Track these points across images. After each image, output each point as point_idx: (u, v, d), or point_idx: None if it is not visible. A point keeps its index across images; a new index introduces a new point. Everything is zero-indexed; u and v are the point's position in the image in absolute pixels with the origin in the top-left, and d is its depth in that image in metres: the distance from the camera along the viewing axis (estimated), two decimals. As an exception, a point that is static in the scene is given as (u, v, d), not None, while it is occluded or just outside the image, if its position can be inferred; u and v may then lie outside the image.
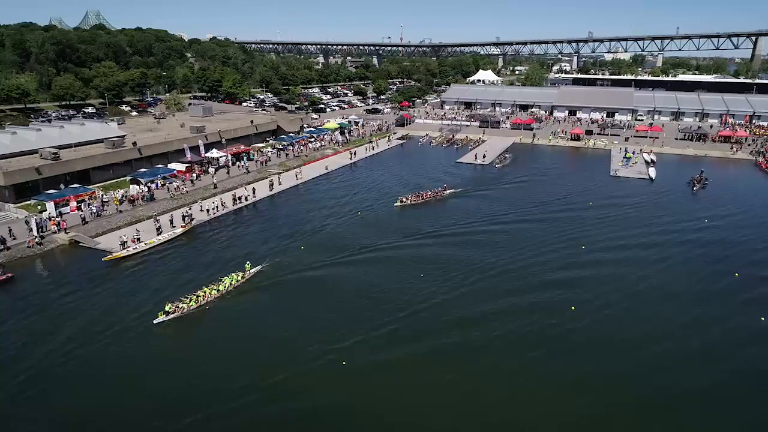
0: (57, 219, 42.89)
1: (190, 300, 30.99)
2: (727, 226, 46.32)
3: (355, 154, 76.53)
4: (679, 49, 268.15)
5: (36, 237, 39.80)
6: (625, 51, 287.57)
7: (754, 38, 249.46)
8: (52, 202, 44.85)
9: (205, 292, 32.01)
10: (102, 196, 49.15)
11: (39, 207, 46.07)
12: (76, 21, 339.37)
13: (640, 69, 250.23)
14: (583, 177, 65.06)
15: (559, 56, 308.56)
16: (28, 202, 47.40)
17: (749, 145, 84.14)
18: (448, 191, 56.18)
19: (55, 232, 41.68)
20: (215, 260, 38.02)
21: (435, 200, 54.09)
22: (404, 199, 52.60)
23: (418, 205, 52.41)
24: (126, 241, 39.82)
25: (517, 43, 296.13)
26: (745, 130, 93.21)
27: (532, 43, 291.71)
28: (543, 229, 45.44)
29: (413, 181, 61.29)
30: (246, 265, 35.63)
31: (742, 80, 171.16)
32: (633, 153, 76.10)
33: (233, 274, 34.24)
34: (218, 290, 32.64)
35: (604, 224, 46.80)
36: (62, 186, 49.62)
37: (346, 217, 48.41)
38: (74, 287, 33.76)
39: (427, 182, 60.66)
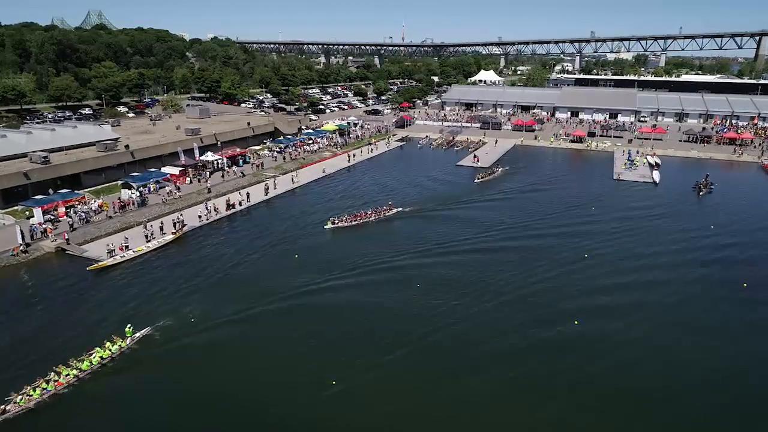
0: (47, 225, 41.76)
1: (35, 388, 22.64)
2: (735, 232, 44.84)
3: (353, 156, 75.28)
4: (682, 49, 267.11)
5: (21, 245, 38.65)
6: (628, 51, 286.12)
7: (757, 38, 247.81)
8: (40, 208, 43.76)
9: (61, 372, 23.72)
10: (91, 201, 48.01)
11: (27, 213, 44.92)
12: (78, 21, 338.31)
13: (642, 69, 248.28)
14: (584, 182, 63.38)
15: (562, 56, 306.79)
16: (15, 208, 46.28)
17: (755, 147, 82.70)
18: (393, 210, 49.13)
19: (54, 240, 40.45)
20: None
21: (376, 221, 46.88)
22: (336, 221, 45.41)
23: (355, 228, 45.18)
24: (113, 249, 38.63)
25: (520, 43, 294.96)
26: (751, 132, 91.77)
27: (534, 42, 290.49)
28: (521, 263, 37.54)
29: (406, 186, 59.94)
30: (126, 329, 26.97)
31: (746, 80, 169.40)
32: (637, 151, 74.75)
33: (108, 343, 25.70)
34: (80, 369, 24.23)
35: (602, 258, 38.87)
36: (51, 191, 48.51)
37: (290, 242, 41.90)
38: (24, 309, 30.82)
39: (421, 186, 59.56)
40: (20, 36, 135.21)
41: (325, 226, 44.96)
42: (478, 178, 62.29)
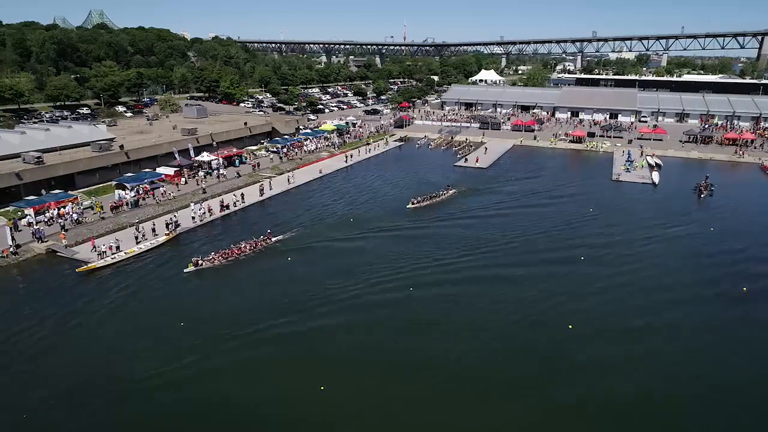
0: (62, 232, 41.44)
1: None
2: (739, 237, 44.07)
3: (351, 156, 74.83)
4: (684, 49, 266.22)
5: (11, 246, 38.30)
6: (630, 50, 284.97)
7: (760, 38, 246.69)
8: (32, 209, 43.47)
9: None
10: (82, 202, 47.64)
11: (19, 213, 44.60)
12: (80, 20, 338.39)
13: (644, 69, 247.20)
14: (581, 184, 61.91)
15: (563, 56, 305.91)
16: (7, 209, 45.92)
17: (755, 148, 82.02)
18: (272, 239, 41.35)
19: (68, 246, 39.94)
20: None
21: (250, 255, 38.52)
22: (201, 261, 36.20)
23: (227, 267, 36.49)
24: (104, 251, 38.25)
25: (521, 43, 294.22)
26: (755, 134, 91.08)
27: (535, 42, 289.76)
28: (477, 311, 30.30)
29: (402, 188, 59.07)
30: None
31: (748, 80, 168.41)
32: (638, 147, 74.00)
33: None
34: None
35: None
36: (43, 191, 48.19)
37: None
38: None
39: (416, 189, 58.89)
40: (21, 35, 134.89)
41: (185, 269, 35.89)
42: (413, 203, 51.39)
